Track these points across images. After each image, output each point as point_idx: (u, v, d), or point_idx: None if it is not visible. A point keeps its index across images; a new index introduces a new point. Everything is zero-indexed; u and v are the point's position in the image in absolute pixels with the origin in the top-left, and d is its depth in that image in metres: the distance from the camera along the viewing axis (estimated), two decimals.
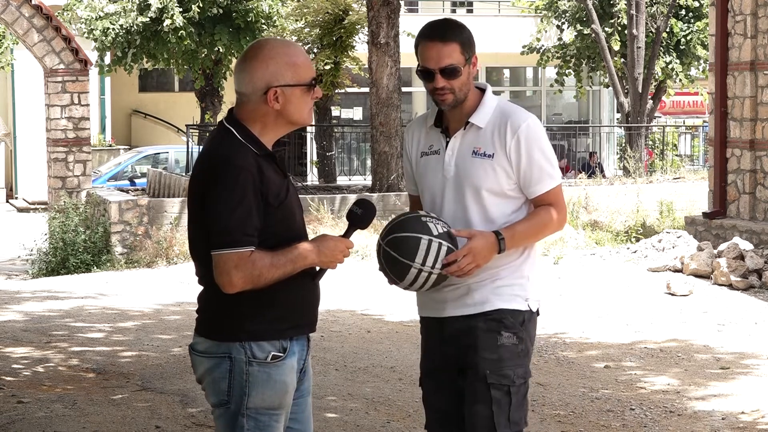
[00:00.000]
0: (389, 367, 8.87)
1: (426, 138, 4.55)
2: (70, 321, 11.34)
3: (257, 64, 3.96)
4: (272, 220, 3.90)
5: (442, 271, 4.26)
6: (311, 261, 3.95)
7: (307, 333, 4.08)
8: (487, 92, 4.50)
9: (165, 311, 12.04)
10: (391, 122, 19.93)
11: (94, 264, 17.42)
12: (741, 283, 12.35)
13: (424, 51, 4.39)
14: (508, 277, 4.43)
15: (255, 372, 3.91)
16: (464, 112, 4.45)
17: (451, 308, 4.46)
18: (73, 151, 20.29)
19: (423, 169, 4.54)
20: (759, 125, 14.62)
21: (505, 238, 4.32)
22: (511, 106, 4.51)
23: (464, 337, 4.42)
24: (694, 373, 8.72)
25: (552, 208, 4.44)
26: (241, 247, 3.83)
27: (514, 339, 4.40)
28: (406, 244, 4.27)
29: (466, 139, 4.44)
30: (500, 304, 4.40)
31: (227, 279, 3.84)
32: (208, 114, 28.96)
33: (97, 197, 19.17)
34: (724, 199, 14.98)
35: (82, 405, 7.63)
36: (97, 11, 26.89)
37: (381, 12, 19.67)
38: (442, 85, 4.37)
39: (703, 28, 29.29)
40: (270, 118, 3.99)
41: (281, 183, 3.97)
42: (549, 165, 4.41)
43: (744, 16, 14.70)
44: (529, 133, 4.38)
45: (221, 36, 27.01)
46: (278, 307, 3.94)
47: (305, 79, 4.00)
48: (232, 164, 3.87)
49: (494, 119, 4.42)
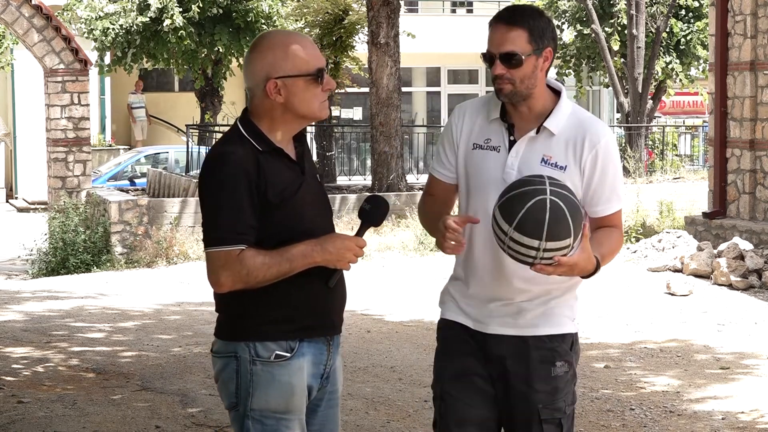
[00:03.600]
0: (389, 367, 8.88)
1: (483, 129, 4.12)
2: (70, 321, 11.34)
3: (257, 56, 3.83)
4: (273, 218, 3.76)
5: (544, 250, 3.75)
6: (314, 260, 3.78)
7: (324, 336, 3.93)
8: (562, 95, 4.12)
9: (165, 311, 12.04)
10: (391, 122, 19.94)
11: (94, 264, 17.42)
12: (741, 283, 12.35)
13: (490, 34, 4.04)
14: (560, 297, 4.11)
15: (259, 372, 3.80)
16: (533, 112, 4.06)
17: (497, 325, 4.10)
18: (73, 151, 20.29)
19: (475, 163, 4.10)
20: (759, 125, 14.61)
21: (599, 261, 3.94)
22: (588, 115, 4.15)
23: (514, 363, 4.08)
24: (694, 373, 8.72)
25: (617, 230, 4.12)
26: (229, 246, 3.70)
27: (566, 367, 4.12)
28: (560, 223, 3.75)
29: (535, 144, 4.04)
30: (551, 329, 4.09)
31: (215, 278, 3.74)
32: (208, 114, 28.96)
33: (97, 197, 19.17)
34: (724, 199, 14.98)
35: (82, 405, 7.63)
36: (97, 11, 26.89)
37: (381, 12, 19.67)
38: (501, 73, 3.98)
39: (703, 28, 29.28)
40: (277, 112, 3.83)
41: (291, 179, 3.82)
42: (620, 185, 4.12)
43: (744, 16, 14.70)
44: (608, 149, 4.04)
45: (221, 36, 27.01)
46: (285, 307, 3.81)
47: (308, 69, 3.81)
48: (224, 161, 3.76)
49: (570, 127, 4.04)
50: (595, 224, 4.08)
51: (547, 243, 3.73)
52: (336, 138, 26.70)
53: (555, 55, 4.07)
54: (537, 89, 4.03)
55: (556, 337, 4.09)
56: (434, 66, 36.92)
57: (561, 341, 4.10)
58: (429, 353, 9.43)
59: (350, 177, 25.39)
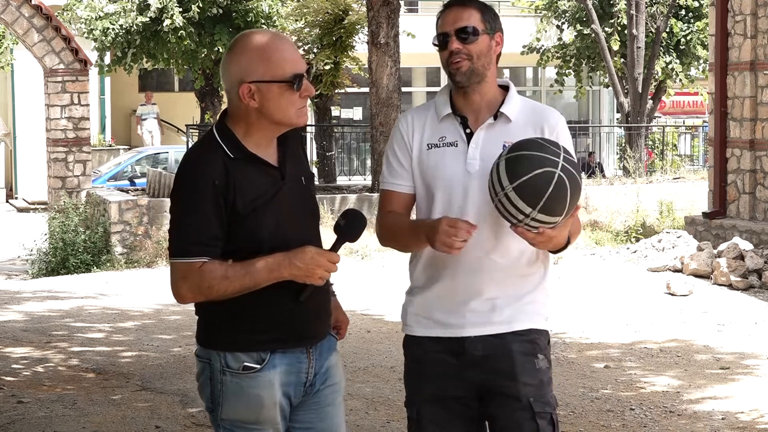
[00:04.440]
0: (389, 367, 8.87)
1: (434, 128, 4.03)
2: (70, 321, 11.34)
3: (232, 58, 3.70)
4: (243, 228, 3.62)
5: (532, 218, 3.68)
6: (281, 275, 3.61)
7: (299, 347, 3.77)
8: (512, 87, 4.09)
9: (165, 311, 12.04)
10: (391, 122, 19.92)
11: (94, 264, 17.42)
12: (741, 283, 12.35)
13: (441, 18, 4.02)
14: (532, 292, 4.02)
15: (228, 382, 3.70)
16: (485, 102, 4.02)
17: (472, 326, 3.97)
18: (73, 151, 20.29)
19: (433, 162, 4.00)
20: (759, 125, 14.61)
21: (570, 235, 3.89)
22: (539, 103, 4.16)
23: (495, 361, 3.95)
24: (694, 374, 8.72)
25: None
26: (190, 258, 3.58)
27: (546, 362, 4.02)
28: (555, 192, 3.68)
29: (494, 131, 3.98)
30: (529, 324, 3.99)
31: (175, 289, 3.64)
32: (208, 114, 28.97)
33: (97, 197, 19.17)
34: (724, 199, 14.99)
35: (82, 405, 7.63)
36: (97, 11, 26.89)
37: (381, 12, 19.67)
38: (457, 48, 3.94)
39: (703, 28, 29.29)
40: (252, 117, 3.67)
41: (266, 187, 3.67)
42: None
43: (744, 16, 14.70)
44: (565, 133, 4.05)
45: (221, 36, 27.01)
46: (257, 319, 3.68)
47: (283, 74, 3.64)
48: (190, 168, 3.64)
49: (525, 114, 4.02)
50: None
51: (538, 214, 3.66)
52: (336, 138, 26.70)
53: (501, 47, 4.07)
54: (490, 73, 4.02)
55: (534, 331, 4.00)
56: (434, 66, 36.91)
57: (539, 335, 4.02)
58: None
59: (350, 177, 25.42)
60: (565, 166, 3.69)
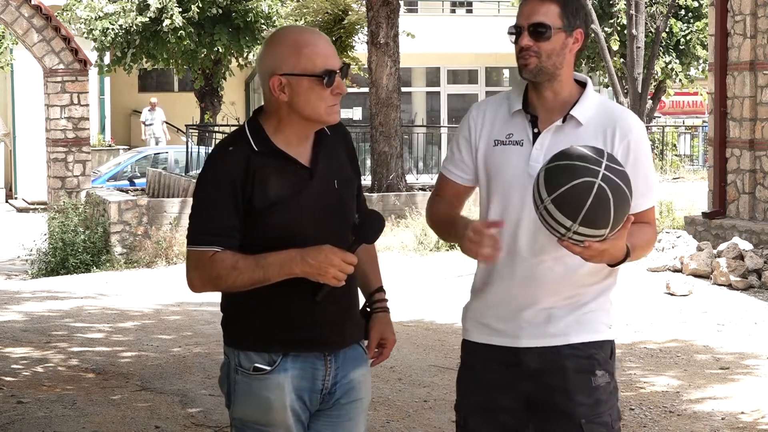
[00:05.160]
0: (389, 367, 8.87)
1: (504, 124, 3.82)
2: (70, 321, 11.34)
3: (266, 51, 3.65)
4: (260, 223, 3.58)
5: (575, 231, 3.46)
6: (292, 271, 3.53)
7: (315, 351, 3.67)
8: (589, 85, 3.84)
9: (165, 311, 12.04)
10: (391, 122, 19.94)
11: (94, 264, 17.43)
12: (740, 283, 12.35)
13: (520, 7, 3.80)
14: (593, 301, 3.78)
15: (239, 381, 3.67)
16: (559, 99, 3.79)
17: (528, 336, 3.76)
18: (72, 151, 20.29)
19: (496, 160, 3.80)
20: (758, 125, 14.61)
21: (630, 250, 3.61)
22: (617, 105, 3.89)
23: (549, 376, 3.75)
24: (694, 374, 8.71)
25: (651, 227, 3.81)
26: (202, 246, 3.56)
27: (607, 377, 3.78)
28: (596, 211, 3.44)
29: (562, 135, 3.74)
30: (587, 336, 3.76)
31: (188, 277, 3.62)
32: (208, 114, 28.97)
33: (97, 197, 19.17)
34: (724, 199, 14.98)
35: (81, 405, 7.63)
36: (97, 11, 26.91)
37: (380, 12, 19.67)
38: (528, 44, 3.71)
39: (702, 28, 29.29)
40: (283, 111, 3.62)
41: (290, 184, 3.61)
42: (653, 180, 3.82)
43: (743, 16, 14.70)
44: (640, 141, 3.76)
45: (221, 36, 27.03)
46: (267, 317, 3.63)
47: (314, 68, 3.59)
48: (213, 161, 3.64)
49: (598, 117, 3.76)
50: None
51: (579, 227, 3.43)
52: None
53: (586, 41, 3.83)
54: (564, 72, 3.78)
55: (593, 344, 3.77)
56: (434, 66, 36.93)
57: (599, 349, 3.78)
58: (429, 353, 9.43)
59: None
60: (607, 175, 3.43)
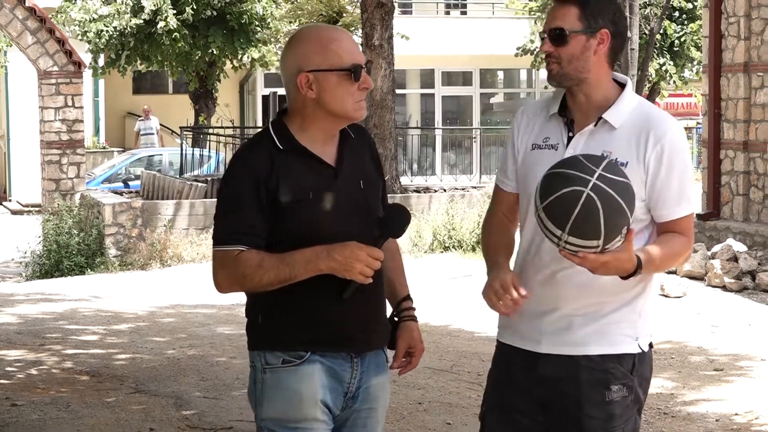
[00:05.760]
0: None
1: (543, 127, 3.77)
2: (64, 323, 11.33)
3: (290, 49, 3.63)
4: (285, 221, 3.55)
5: (566, 241, 3.41)
6: (318, 267, 3.50)
7: (341, 351, 3.63)
8: (627, 87, 3.74)
9: (159, 314, 12.02)
10: (385, 124, 19.94)
11: (88, 266, 17.41)
12: (734, 285, 12.36)
13: (547, 15, 3.77)
14: (616, 312, 3.68)
15: (267, 379, 3.62)
16: (593, 103, 3.70)
17: (548, 343, 3.71)
18: (66, 153, 20.29)
19: (532, 164, 3.72)
20: (752, 127, 14.63)
21: (643, 263, 3.52)
22: (656, 109, 3.75)
23: (564, 385, 3.70)
24: (688, 375, 8.72)
25: (684, 237, 3.68)
26: (227, 246, 3.55)
27: (624, 391, 3.68)
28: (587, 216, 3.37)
29: (594, 139, 3.67)
30: (606, 349, 3.67)
31: (214, 277, 3.61)
32: (202, 116, 28.95)
33: (91, 199, 19.16)
34: (718, 200, 15.00)
35: (75, 408, 7.62)
36: (91, 13, 26.89)
37: (375, 14, 19.68)
38: (548, 50, 3.67)
39: (696, 29, 29.32)
40: (309, 109, 3.59)
41: (313, 182, 3.58)
42: (688, 188, 3.69)
43: (737, 18, 14.72)
44: (676, 145, 3.64)
45: (215, 38, 27.02)
46: (294, 315, 3.60)
47: (341, 63, 3.56)
48: (237, 159, 3.63)
49: (633, 121, 3.66)
50: (664, 229, 3.69)
51: (569, 237, 3.38)
52: None
53: (620, 41, 3.72)
54: (592, 74, 3.69)
55: (611, 357, 3.68)
56: (428, 68, 36.94)
57: (617, 362, 3.68)
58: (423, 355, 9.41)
59: None
60: (598, 185, 3.34)
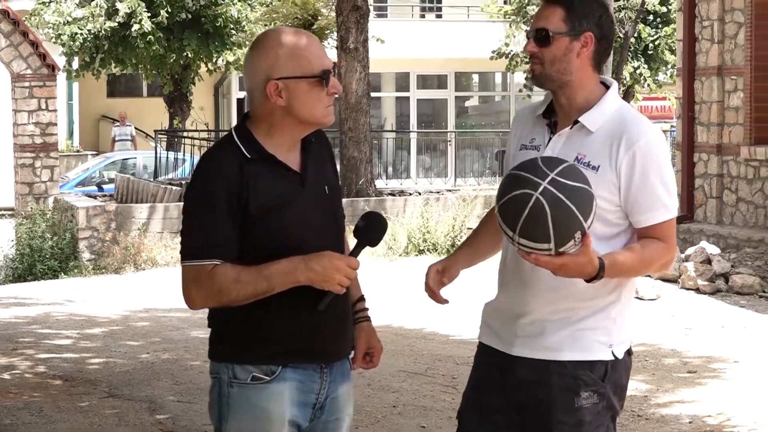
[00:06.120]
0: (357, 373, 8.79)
1: (531, 129, 3.79)
2: (37, 328, 11.27)
3: (257, 55, 3.49)
4: (256, 232, 3.44)
5: (518, 242, 3.41)
6: (296, 279, 3.41)
7: (313, 362, 3.55)
8: (610, 91, 3.70)
9: (133, 317, 11.99)
10: (360, 127, 19.94)
11: (62, 270, 17.34)
12: (708, 287, 12.41)
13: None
14: (590, 318, 3.69)
15: (234, 394, 3.50)
16: (574, 105, 3.68)
17: (521, 346, 3.73)
18: (40, 156, 20.22)
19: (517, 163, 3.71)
20: (726, 130, 14.70)
21: (605, 267, 3.50)
22: (634, 113, 3.71)
23: (537, 388, 3.70)
24: (662, 377, 8.74)
25: (662, 243, 3.69)
26: (201, 260, 3.41)
27: (595, 398, 3.68)
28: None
29: (570, 141, 3.66)
30: (578, 355, 3.67)
31: (187, 294, 3.46)
32: (177, 119, 28.91)
33: (65, 203, 19.09)
34: (692, 203, 15.07)
35: (48, 412, 7.58)
36: (65, 16, 26.81)
37: (350, 17, 19.68)
38: (531, 51, 3.65)
39: (670, 33, 29.43)
40: (276, 116, 3.48)
41: (283, 190, 3.48)
42: (666, 192, 3.65)
43: (711, 22, 14.78)
44: (649, 150, 3.60)
45: (190, 41, 26.99)
46: (267, 328, 3.48)
47: (312, 70, 3.47)
48: (206, 169, 3.48)
49: (610, 125, 3.63)
50: (641, 235, 3.67)
51: (520, 238, 3.38)
52: None
53: (605, 44, 3.70)
54: (574, 77, 3.67)
55: (582, 364, 3.68)
56: (403, 71, 36.96)
57: (588, 369, 3.68)
58: (398, 358, 9.41)
59: None
60: (548, 189, 3.33)
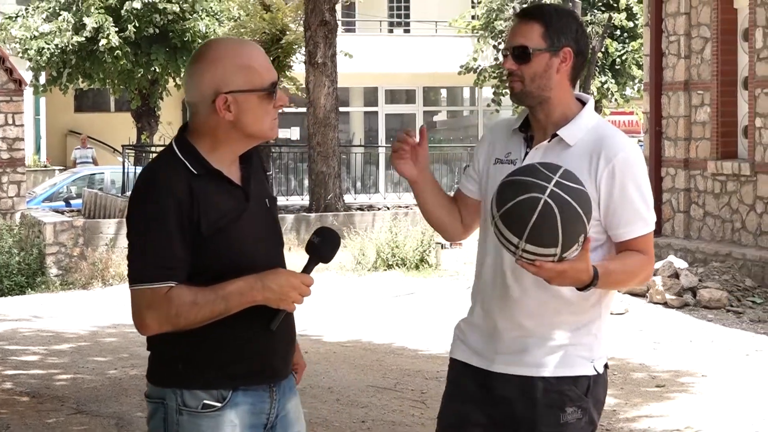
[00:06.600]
0: (327, 388, 8.84)
1: (506, 143, 3.80)
2: (4, 344, 11.21)
3: (204, 67, 3.35)
4: (206, 250, 3.31)
5: (523, 249, 3.35)
6: (254, 299, 3.30)
7: (264, 383, 3.43)
8: (587, 106, 3.74)
9: (101, 333, 11.93)
10: (329, 142, 19.95)
11: (29, 286, 17.25)
12: (676, 301, 12.45)
13: (509, 31, 3.77)
14: (573, 334, 3.68)
15: (184, 422, 3.34)
16: (551, 120, 3.70)
17: (501, 362, 3.71)
18: (7, 171, 20.12)
19: (492, 178, 3.72)
20: (693, 144, 14.78)
21: (599, 275, 3.49)
22: (611, 128, 3.75)
23: (518, 405, 3.69)
24: (630, 392, 8.76)
25: (643, 255, 3.67)
26: (155, 283, 3.26)
27: (579, 413, 3.68)
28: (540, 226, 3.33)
29: (548, 155, 3.64)
30: (562, 371, 3.66)
31: (139, 319, 3.30)
32: (145, 134, 28.84)
33: (32, 218, 19.00)
34: (659, 218, 15.12)
35: (15, 429, 7.54)
36: (32, 31, 26.71)
37: (318, 32, 19.69)
38: (511, 68, 3.67)
39: (637, 48, 29.59)
40: (221, 130, 3.35)
41: (230, 207, 3.37)
42: (644, 206, 3.67)
43: (678, 37, 14.87)
44: (628, 164, 3.64)
45: (157, 56, 26.95)
46: (218, 351, 3.35)
47: (262, 84, 3.38)
48: (151, 186, 3.32)
49: (588, 139, 3.66)
50: (620, 248, 3.68)
51: (526, 245, 3.33)
52: (273, 158, 26.66)
53: (581, 59, 3.73)
54: (554, 93, 3.69)
55: (566, 380, 3.67)
56: (371, 86, 37.01)
57: (572, 384, 3.68)
58: (366, 373, 9.41)
59: (288, 197, 25.34)
60: (555, 192, 3.32)
